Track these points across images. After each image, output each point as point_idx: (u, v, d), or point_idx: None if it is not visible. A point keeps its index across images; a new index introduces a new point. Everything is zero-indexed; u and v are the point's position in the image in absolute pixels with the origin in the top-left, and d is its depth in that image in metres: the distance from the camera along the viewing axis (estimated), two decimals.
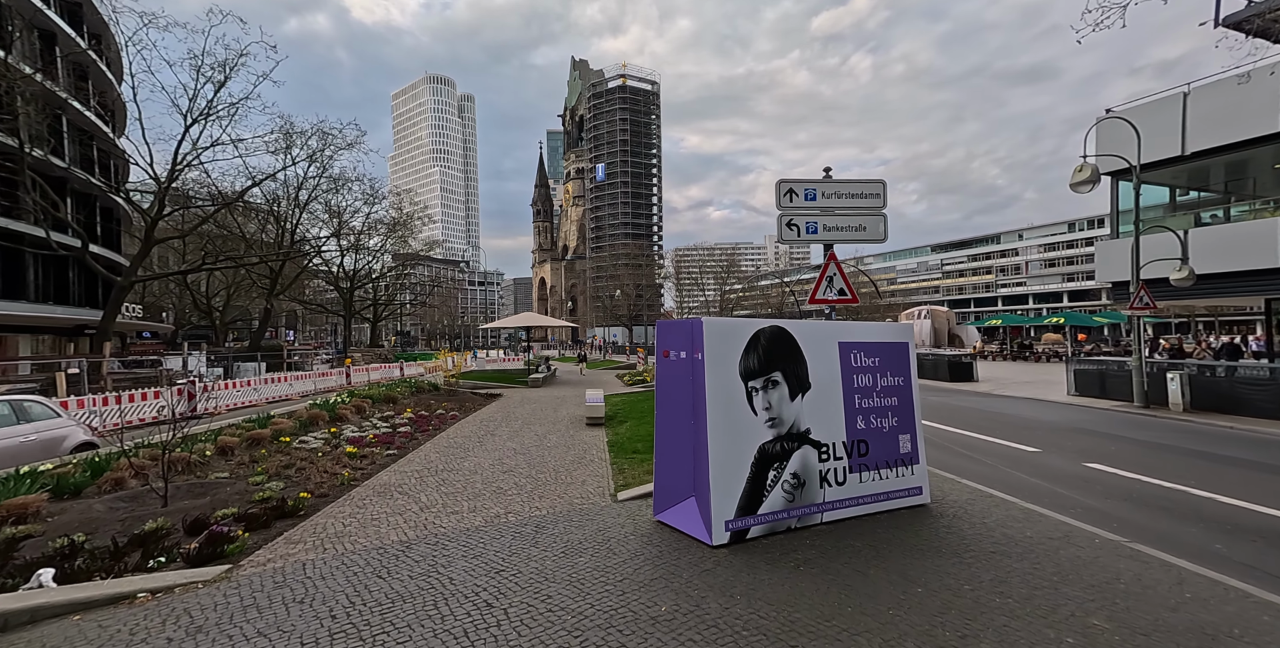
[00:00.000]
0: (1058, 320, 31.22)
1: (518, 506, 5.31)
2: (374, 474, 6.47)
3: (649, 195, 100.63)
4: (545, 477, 6.47)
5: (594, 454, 7.75)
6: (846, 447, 4.74)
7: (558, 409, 12.63)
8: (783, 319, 4.92)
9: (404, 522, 4.84)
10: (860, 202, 6.07)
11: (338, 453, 7.21)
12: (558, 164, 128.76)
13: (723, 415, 4.31)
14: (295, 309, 52.51)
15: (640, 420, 10.59)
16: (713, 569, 3.66)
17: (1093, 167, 10.84)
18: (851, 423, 4.81)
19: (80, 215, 27.41)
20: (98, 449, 7.10)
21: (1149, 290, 11.74)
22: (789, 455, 4.49)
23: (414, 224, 41.08)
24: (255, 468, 6.33)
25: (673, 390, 4.77)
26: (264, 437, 7.65)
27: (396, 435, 8.86)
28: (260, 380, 18.15)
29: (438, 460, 7.32)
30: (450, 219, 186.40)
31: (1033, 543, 4.01)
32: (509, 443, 8.59)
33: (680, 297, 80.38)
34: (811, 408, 4.64)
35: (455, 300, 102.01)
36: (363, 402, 11.40)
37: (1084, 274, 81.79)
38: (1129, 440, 8.52)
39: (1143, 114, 13.33)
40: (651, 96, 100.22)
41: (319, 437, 8.37)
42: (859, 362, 4.94)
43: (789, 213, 6.09)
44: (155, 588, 3.29)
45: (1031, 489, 5.87)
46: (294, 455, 7.03)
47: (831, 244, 6.18)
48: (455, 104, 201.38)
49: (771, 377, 4.55)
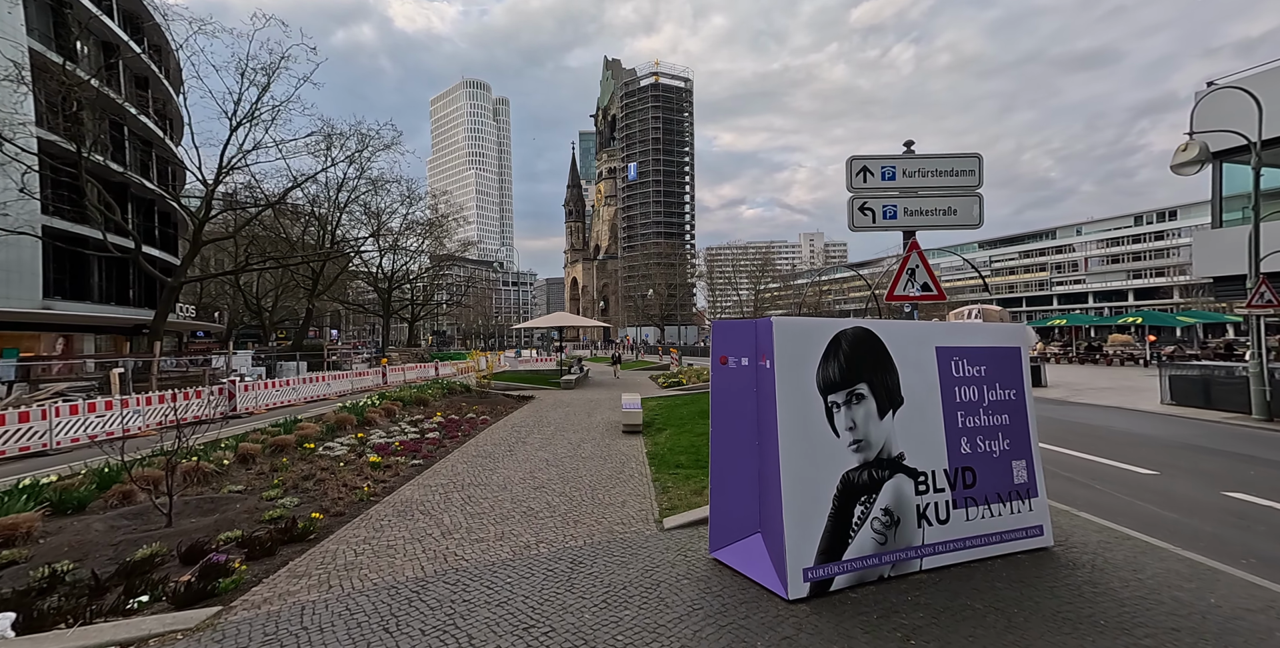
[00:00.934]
0: (1134, 320, 28.55)
1: (550, 533, 4.65)
2: (396, 488, 5.95)
3: (681, 193, 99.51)
4: (580, 495, 5.80)
5: (633, 467, 7.05)
6: (949, 476, 3.85)
7: (591, 414, 12.01)
8: (866, 319, 4.08)
9: (422, 551, 4.24)
10: (950, 180, 5.13)
11: (361, 462, 6.76)
12: (590, 165, 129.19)
13: (798, 436, 3.51)
14: (339, 309, 54.20)
15: (680, 428, 9.83)
16: (794, 636, 2.88)
17: (1202, 144, 9.39)
18: (954, 446, 3.92)
19: (139, 219, 28.77)
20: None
21: (1270, 285, 10.14)
22: (879, 486, 3.65)
23: (449, 224, 41.56)
24: (273, 480, 5.91)
25: (732, 403, 4.00)
26: (288, 443, 7.29)
27: (424, 442, 8.40)
28: (299, 380, 18.31)
29: (465, 473, 6.77)
30: (485, 221, 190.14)
31: (1228, 618, 3.03)
32: (540, 453, 7.99)
33: (713, 296, 79.03)
34: (904, 428, 3.79)
35: (490, 301, 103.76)
36: (393, 404, 11.08)
37: (1152, 271, 75.92)
38: (1267, 462, 7.18)
39: (1264, 83, 11.59)
40: (684, 94, 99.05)
41: (345, 443, 7.99)
42: (961, 371, 4.04)
43: (862, 195, 5.21)
44: (127, 640, 2.76)
45: (1172, 527, 4.80)
46: (316, 465, 6.61)
47: (913, 232, 5.27)
48: (490, 108, 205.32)
49: (856, 389, 3.72)
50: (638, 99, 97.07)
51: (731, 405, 4.02)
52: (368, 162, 27.58)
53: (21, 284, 19.73)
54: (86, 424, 10.46)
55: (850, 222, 5.27)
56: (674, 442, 8.55)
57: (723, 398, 4.14)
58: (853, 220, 5.26)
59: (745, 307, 76.46)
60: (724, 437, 4.14)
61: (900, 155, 5.21)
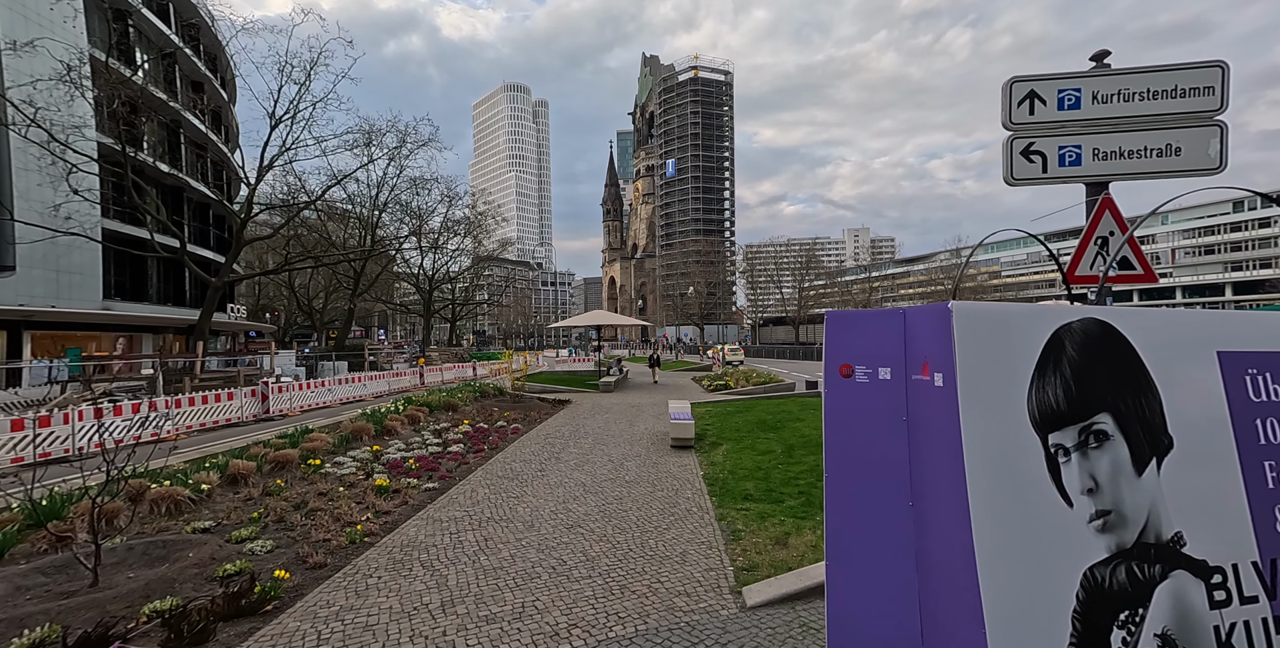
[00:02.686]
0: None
1: (587, 608, 3.34)
2: (400, 524, 4.80)
3: (720, 190, 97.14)
4: (626, 540, 4.48)
5: (689, 496, 5.68)
6: (1264, 575, 2.28)
7: (634, 422, 10.71)
8: (1092, 306, 2.54)
9: (411, 637, 3.02)
10: (1171, 104, 3.48)
11: (368, 485, 5.68)
12: (627, 165, 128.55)
13: (999, 506, 2.04)
14: (384, 310, 55.44)
15: (738, 443, 8.37)
16: None
17: None
18: (1266, 523, 2.33)
19: (195, 223, 29.73)
20: None
21: None
22: (1147, 594, 2.13)
23: (488, 223, 41.40)
24: (256, 510, 4.88)
25: (863, 439, 2.55)
26: (289, 460, 6.32)
27: (445, 457, 7.31)
28: (335, 381, 17.93)
29: (485, 501, 5.59)
30: (525, 222, 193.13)
31: None
32: (576, 473, 6.74)
33: (754, 294, 76.51)
34: (1178, 489, 2.24)
35: (529, 301, 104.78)
36: (418, 410, 10.13)
37: (1256, 261, 67.89)
38: None
39: None
40: (724, 87, 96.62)
41: (357, 458, 6.99)
42: (1265, 392, 2.45)
43: (1027, 132, 3.64)
44: None
45: None
46: (315, 488, 5.59)
47: (1105, 184, 3.65)
48: (530, 110, 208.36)
49: (1094, 424, 2.20)
50: (676, 94, 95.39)
51: (861, 442, 2.57)
52: (406, 159, 27.46)
53: (83, 286, 20.34)
54: (110, 428, 10.04)
55: (1007, 171, 3.71)
56: (734, 462, 7.12)
57: (845, 430, 2.69)
58: (1011, 169, 3.69)
59: (789, 305, 73.54)
60: (847, 486, 2.69)
61: (1088, 72, 3.59)
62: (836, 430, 2.67)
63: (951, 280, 64.75)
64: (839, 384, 2.64)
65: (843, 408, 2.62)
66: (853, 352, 2.59)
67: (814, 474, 6.27)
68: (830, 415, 2.70)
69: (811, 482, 5.97)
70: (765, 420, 10.13)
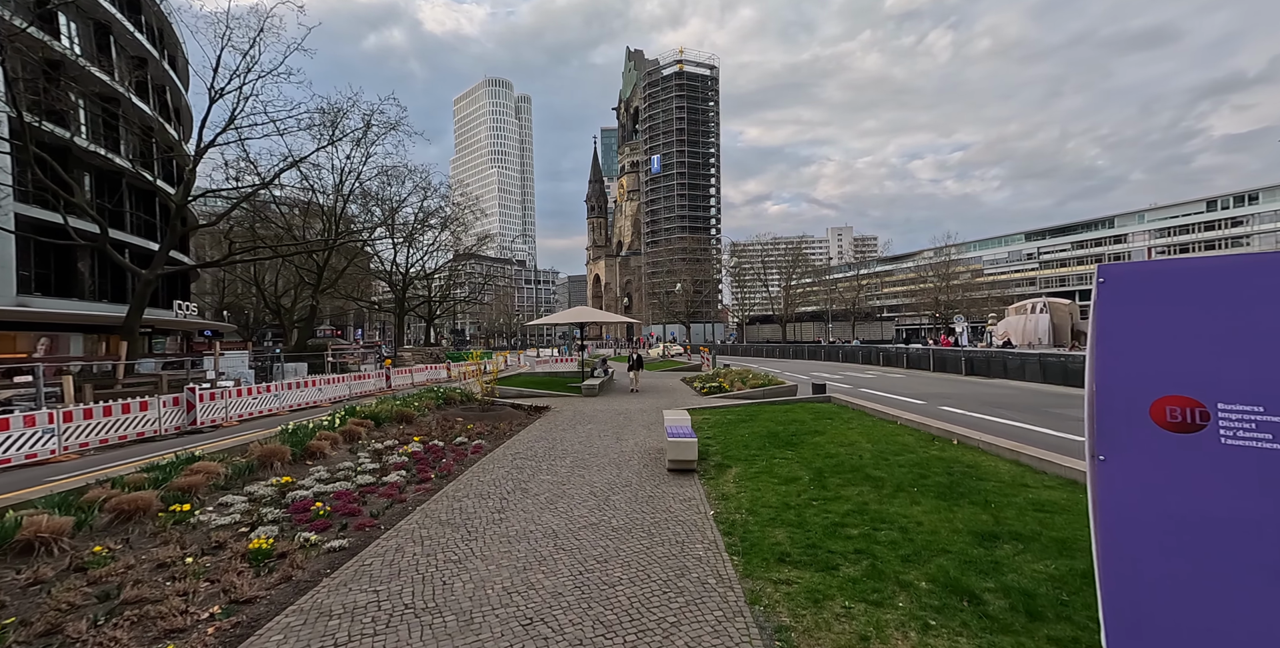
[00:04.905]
0: None
1: None
2: (258, 628, 3.06)
3: (706, 186, 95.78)
4: None
5: (700, 556, 4.04)
6: None
7: (621, 435, 9.05)
8: None
9: None
10: None
11: (237, 549, 3.91)
12: (612, 162, 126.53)
13: None
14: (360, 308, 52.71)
15: (751, 464, 6.78)
16: None
17: None
18: None
19: (139, 212, 27.12)
20: None
21: None
22: None
23: (466, 216, 39.29)
24: (18, 614, 3.08)
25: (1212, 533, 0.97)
26: (143, 506, 4.49)
27: (377, 491, 5.58)
28: (284, 386, 15.90)
29: (409, 571, 3.88)
30: (507, 219, 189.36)
31: None
32: (546, 515, 5.06)
33: (741, 292, 75.32)
34: None
35: (511, 299, 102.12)
36: (359, 424, 8.31)
37: None
38: None
39: None
40: (709, 82, 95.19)
41: (254, 496, 5.20)
42: None
43: None
44: None
45: None
46: (159, 553, 3.82)
47: None
48: (513, 106, 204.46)
49: None
50: (661, 89, 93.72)
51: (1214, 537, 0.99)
52: (374, 145, 25.31)
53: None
54: None
55: None
56: (751, 495, 5.52)
57: (1150, 519, 1.10)
58: None
59: (776, 303, 72.54)
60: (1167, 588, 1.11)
61: None
62: (1115, 508, 1.15)
63: (939, 278, 64.27)
64: (1161, 453, 1.02)
65: (1147, 482, 1.02)
66: (1179, 377, 1.00)
67: (863, 518, 4.70)
68: (1103, 489, 1.16)
69: (867, 532, 4.39)
70: (777, 433, 8.57)
